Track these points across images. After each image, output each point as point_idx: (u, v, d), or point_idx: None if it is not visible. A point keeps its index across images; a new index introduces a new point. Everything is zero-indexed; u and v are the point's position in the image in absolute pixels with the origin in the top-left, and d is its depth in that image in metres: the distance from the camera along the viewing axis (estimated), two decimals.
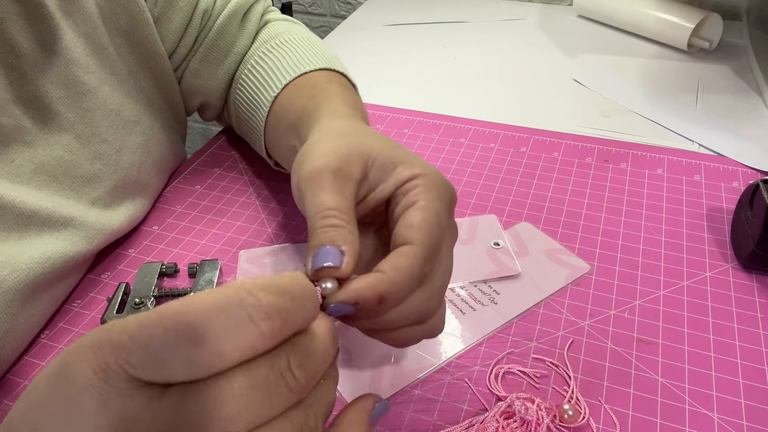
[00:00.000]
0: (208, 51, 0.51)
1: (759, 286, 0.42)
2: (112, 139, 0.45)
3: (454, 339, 0.39)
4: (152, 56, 0.48)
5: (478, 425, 0.33)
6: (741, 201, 0.45)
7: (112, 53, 0.45)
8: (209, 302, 0.19)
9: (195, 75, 0.52)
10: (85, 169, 0.43)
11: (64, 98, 0.41)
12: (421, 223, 0.29)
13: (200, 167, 0.57)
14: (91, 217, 0.43)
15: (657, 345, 0.38)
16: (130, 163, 0.46)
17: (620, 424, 0.34)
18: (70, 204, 0.42)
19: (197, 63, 0.52)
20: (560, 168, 0.54)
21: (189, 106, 0.55)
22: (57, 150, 0.41)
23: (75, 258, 0.41)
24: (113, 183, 0.45)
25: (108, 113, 0.44)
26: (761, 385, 0.35)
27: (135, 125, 0.47)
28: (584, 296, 0.41)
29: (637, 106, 0.64)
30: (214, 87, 0.53)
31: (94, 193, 0.44)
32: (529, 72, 0.73)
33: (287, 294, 0.20)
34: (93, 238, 0.43)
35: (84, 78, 0.42)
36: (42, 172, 0.40)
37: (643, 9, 0.77)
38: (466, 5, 0.92)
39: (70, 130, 0.42)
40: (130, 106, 0.47)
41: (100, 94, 0.44)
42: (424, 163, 0.32)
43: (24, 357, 0.39)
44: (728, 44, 0.76)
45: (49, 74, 0.40)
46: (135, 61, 0.47)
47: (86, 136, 0.43)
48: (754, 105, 0.64)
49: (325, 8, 1.12)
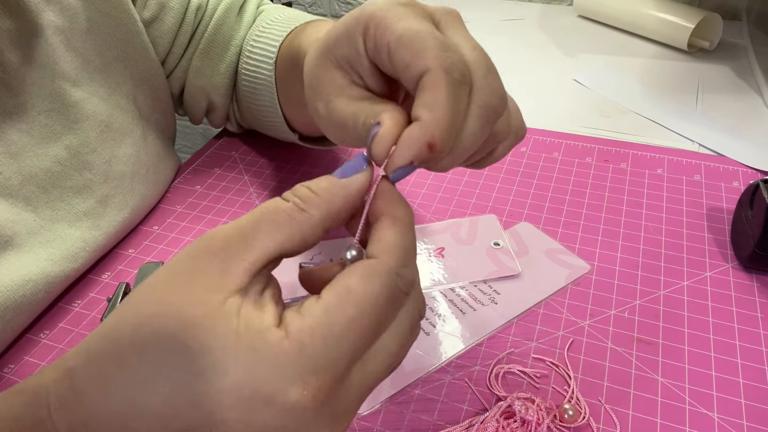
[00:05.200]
0: (209, 46, 0.51)
1: (759, 286, 0.42)
2: (101, 150, 0.44)
3: (454, 339, 0.39)
4: (145, 67, 0.48)
5: (478, 425, 0.33)
6: (741, 201, 0.45)
7: (104, 66, 0.45)
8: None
9: (198, 73, 0.52)
10: (74, 180, 0.43)
11: (51, 111, 0.41)
12: (427, 44, 0.24)
13: (200, 167, 0.57)
14: (75, 234, 0.42)
15: (657, 345, 0.38)
16: (121, 174, 0.46)
17: (620, 424, 0.34)
18: (59, 216, 0.42)
19: (199, 60, 0.51)
20: (560, 168, 0.54)
21: (197, 111, 0.55)
22: (45, 161, 0.41)
23: (58, 278, 0.41)
24: (104, 193, 0.45)
25: (97, 124, 0.44)
26: (761, 385, 0.35)
27: (125, 136, 0.47)
28: (584, 296, 0.41)
29: (637, 106, 0.64)
30: (218, 83, 0.52)
31: (85, 204, 0.43)
32: (529, 72, 0.73)
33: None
34: (76, 257, 0.42)
35: (71, 91, 0.42)
36: (31, 184, 0.40)
37: (643, 9, 0.77)
38: (466, 5, 0.92)
39: (58, 141, 0.42)
40: (121, 117, 0.46)
41: (88, 106, 0.43)
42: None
43: (24, 357, 0.39)
44: (728, 44, 0.76)
45: (35, 87, 0.40)
46: (128, 72, 0.47)
47: (75, 146, 0.43)
48: (754, 105, 0.64)
49: (325, 8, 1.12)
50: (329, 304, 0.21)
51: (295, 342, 0.20)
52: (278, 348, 0.20)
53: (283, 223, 0.22)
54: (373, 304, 0.21)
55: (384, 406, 0.35)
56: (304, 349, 0.20)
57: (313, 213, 0.22)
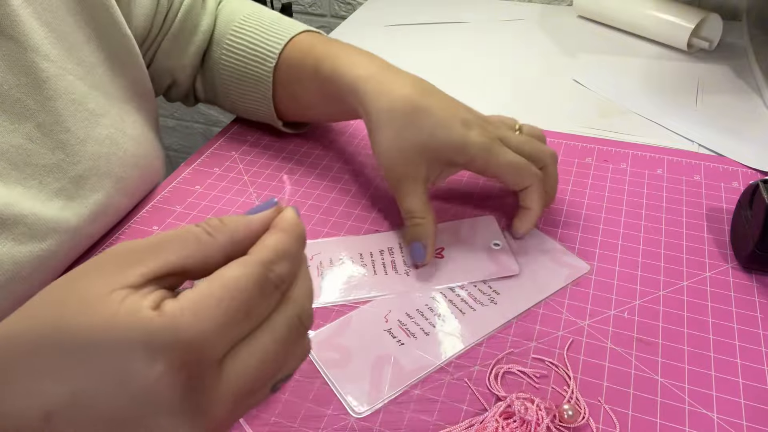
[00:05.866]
0: (178, 30, 0.54)
1: (759, 286, 0.42)
2: (75, 129, 0.44)
3: (454, 339, 0.39)
4: (123, 48, 0.48)
5: (478, 425, 0.33)
6: (741, 201, 0.45)
7: (79, 43, 0.45)
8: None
9: (167, 55, 0.55)
10: (47, 158, 0.42)
11: (23, 85, 0.40)
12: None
13: (200, 167, 0.57)
14: (47, 213, 0.42)
15: (657, 345, 0.38)
16: (96, 155, 0.45)
17: (620, 424, 0.34)
18: (31, 194, 0.41)
19: (168, 43, 0.54)
20: (560, 168, 0.54)
21: (158, 87, 0.57)
22: (17, 138, 0.40)
23: (25, 258, 0.40)
24: (77, 173, 0.44)
25: (71, 102, 0.44)
26: (761, 385, 0.35)
27: (101, 117, 0.46)
28: (584, 296, 0.41)
29: (637, 106, 0.64)
30: (185, 64, 0.56)
31: (57, 184, 0.43)
32: (529, 72, 0.73)
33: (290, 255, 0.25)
34: (45, 236, 0.41)
35: (43, 65, 0.42)
36: (2, 160, 0.39)
37: (643, 9, 0.77)
38: (466, 5, 0.92)
39: (30, 119, 0.41)
40: (97, 97, 0.46)
41: (61, 83, 0.43)
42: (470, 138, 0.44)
43: None
44: (728, 44, 0.76)
45: (6, 61, 0.39)
46: (105, 52, 0.47)
47: (48, 124, 0.42)
48: (754, 105, 0.64)
49: (325, 8, 1.12)
50: (201, 286, 0.22)
51: (167, 317, 0.21)
52: (148, 322, 0.21)
53: (190, 241, 0.24)
54: (240, 289, 0.22)
55: (384, 406, 0.35)
56: (173, 323, 0.21)
57: (218, 238, 0.24)
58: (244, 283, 0.23)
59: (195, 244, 0.24)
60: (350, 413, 0.35)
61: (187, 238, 0.24)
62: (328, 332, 0.39)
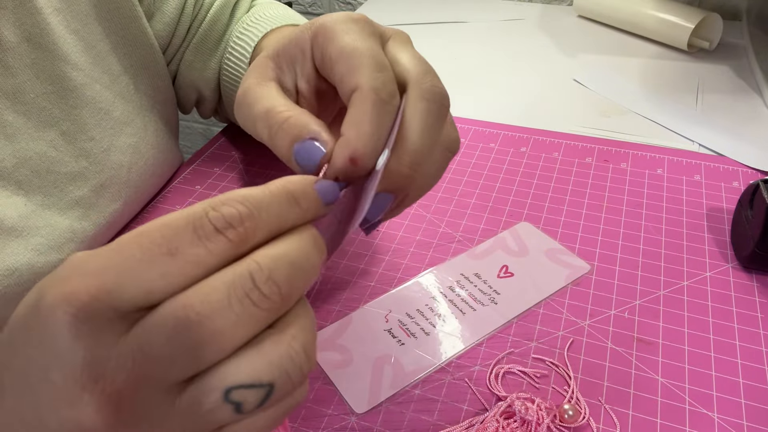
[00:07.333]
0: (202, 41, 0.52)
1: (759, 286, 0.42)
2: (99, 138, 0.44)
3: (454, 339, 0.39)
4: (148, 55, 0.48)
5: (478, 425, 0.33)
6: (741, 201, 0.45)
7: (106, 51, 0.45)
8: (178, 217, 0.20)
9: (190, 67, 0.53)
10: (69, 167, 0.42)
11: (50, 93, 0.41)
12: (359, 62, 0.26)
13: (200, 167, 0.57)
14: (65, 224, 0.42)
15: (657, 345, 0.38)
16: (119, 164, 0.46)
17: (620, 424, 0.34)
18: (50, 202, 0.41)
19: (191, 54, 0.52)
20: (560, 168, 0.54)
21: (187, 102, 0.56)
22: (41, 145, 0.40)
23: (43, 269, 0.40)
24: (99, 182, 0.44)
25: (96, 111, 0.44)
26: (761, 385, 0.35)
27: (126, 126, 0.46)
28: (584, 296, 0.41)
29: (637, 106, 0.64)
30: (208, 77, 0.53)
31: (78, 192, 0.43)
32: (529, 72, 0.73)
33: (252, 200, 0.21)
34: (62, 248, 0.41)
35: (72, 74, 0.42)
36: (24, 167, 0.40)
37: (643, 9, 0.77)
38: (466, 5, 0.92)
39: (55, 126, 0.41)
40: (122, 106, 0.46)
41: (88, 92, 0.43)
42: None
43: None
44: (728, 44, 0.76)
45: (34, 69, 0.40)
46: (130, 60, 0.47)
47: (72, 132, 0.42)
48: (754, 105, 0.64)
49: (325, 8, 1.12)
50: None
51: (94, 253, 0.20)
52: (79, 257, 0.20)
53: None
54: (166, 222, 0.20)
55: (384, 406, 0.35)
56: (97, 256, 0.20)
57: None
58: (174, 218, 0.20)
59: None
60: (350, 413, 0.35)
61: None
62: (329, 332, 0.39)
